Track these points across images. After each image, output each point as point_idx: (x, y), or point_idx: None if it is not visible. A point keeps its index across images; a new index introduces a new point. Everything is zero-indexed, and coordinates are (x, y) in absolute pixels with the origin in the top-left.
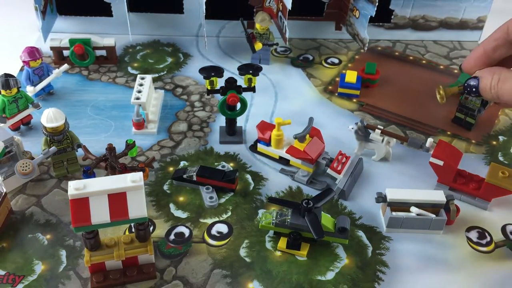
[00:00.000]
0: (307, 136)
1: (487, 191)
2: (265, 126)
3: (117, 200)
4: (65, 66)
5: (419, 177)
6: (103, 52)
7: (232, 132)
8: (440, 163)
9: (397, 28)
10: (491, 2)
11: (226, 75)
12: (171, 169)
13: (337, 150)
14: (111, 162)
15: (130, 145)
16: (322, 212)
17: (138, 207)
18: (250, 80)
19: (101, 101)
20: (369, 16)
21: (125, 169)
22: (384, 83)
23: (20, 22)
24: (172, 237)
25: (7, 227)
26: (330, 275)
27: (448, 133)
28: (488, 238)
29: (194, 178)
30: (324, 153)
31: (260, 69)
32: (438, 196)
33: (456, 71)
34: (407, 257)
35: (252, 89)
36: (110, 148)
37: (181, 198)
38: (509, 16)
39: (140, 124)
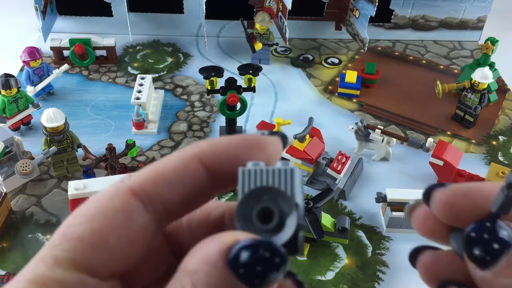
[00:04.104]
0: (307, 136)
1: None
2: (265, 126)
3: None
4: (65, 66)
5: (419, 177)
6: (103, 52)
7: (232, 132)
8: (440, 163)
9: (397, 28)
10: (491, 2)
11: (226, 75)
12: None
13: (337, 150)
14: (111, 162)
15: (130, 145)
16: (322, 212)
17: None
18: (250, 80)
19: (101, 101)
20: (369, 16)
21: (125, 169)
22: (384, 83)
23: (20, 22)
24: None
25: (7, 227)
26: (330, 275)
27: (448, 133)
28: None
29: None
30: (324, 153)
31: (260, 69)
32: None
33: (456, 71)
34: (407, 257)
35: (252, 89)
36: (110, 148)
37: None
38: (509, 16)
39: (140, 124)
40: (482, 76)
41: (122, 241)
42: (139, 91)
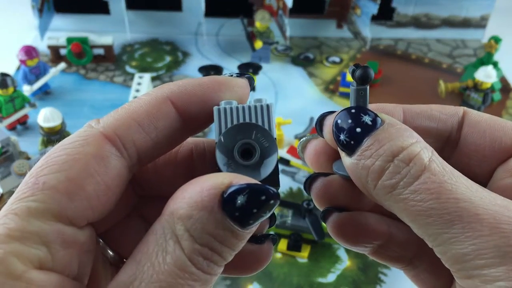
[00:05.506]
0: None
1: None
2: None
3: None
4: (62, 65)
5: None
6: (100, 51)
7: None
8: None
9: (400, 26)
10: (494, 0)
11: (226, 74)
12: None
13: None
14: None
15: None
16: None
17: None
18: None
19: (98, 100)
20: (371, 15)
21: None
22: (386, 82)
23: (17, 21)
24: None
25: None
26: (331, 277)
27: None
28: None
29: None
30: None
31: (260, 68)
32: None
33: (459, 70)
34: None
35: (252, 88)
36: None
37: None
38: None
39: None
40: (486, 75)
41: (99, 189)
42: (137, 90)
